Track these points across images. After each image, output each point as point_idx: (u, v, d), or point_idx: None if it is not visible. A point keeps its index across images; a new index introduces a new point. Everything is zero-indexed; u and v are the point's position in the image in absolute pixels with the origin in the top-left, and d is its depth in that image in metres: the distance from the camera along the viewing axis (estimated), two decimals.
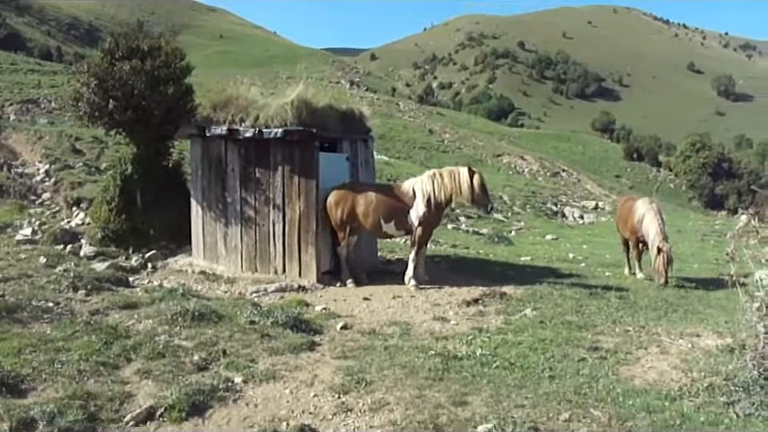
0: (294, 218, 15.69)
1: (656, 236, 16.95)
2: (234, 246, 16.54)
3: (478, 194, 15.25)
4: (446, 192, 15.35)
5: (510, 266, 19.54)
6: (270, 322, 11.34)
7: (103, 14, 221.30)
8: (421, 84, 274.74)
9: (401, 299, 14.17)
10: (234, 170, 16.37)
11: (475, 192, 15.21)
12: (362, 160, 17.81)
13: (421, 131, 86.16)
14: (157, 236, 18.29)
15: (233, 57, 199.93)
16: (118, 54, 18.03)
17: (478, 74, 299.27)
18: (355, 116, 17.63)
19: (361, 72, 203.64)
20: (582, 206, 53.96)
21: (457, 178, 15.32)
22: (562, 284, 15.95)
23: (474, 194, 15.22)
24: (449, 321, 12.43)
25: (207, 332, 10.76)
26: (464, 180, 15.22)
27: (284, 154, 15.70)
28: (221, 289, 15.04)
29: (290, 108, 15.54)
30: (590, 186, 77.00)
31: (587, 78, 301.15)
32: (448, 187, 15.33)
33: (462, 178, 15.25)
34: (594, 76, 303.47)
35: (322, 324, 11.90)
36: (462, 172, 15.36)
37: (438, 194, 15.34)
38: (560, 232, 35.95)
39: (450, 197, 15.48)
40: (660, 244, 16.76)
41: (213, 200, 16.79)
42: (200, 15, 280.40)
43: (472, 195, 15.23)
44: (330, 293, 14.89)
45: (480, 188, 15.27)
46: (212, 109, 16.79)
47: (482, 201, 15.38)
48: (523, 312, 12.94)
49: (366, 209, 15.60)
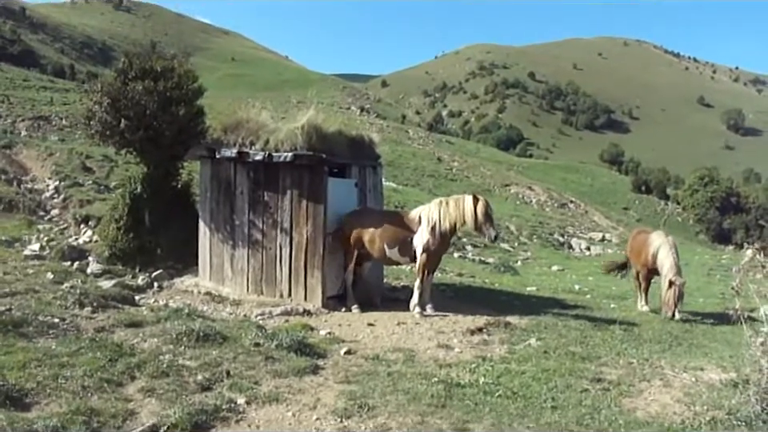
0: (302, 242, 15.72)
1: (670, 269, 16.89)
2: (241, 268, 16.58)
3: (482, 221, 15.08)
4: (451, 220, 15.28)
5: (516, 295, 19.55)
6: (275, 344, 11.35)
7: (117, 33, 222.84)
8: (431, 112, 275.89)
9: (405, 326, 14.16)
10: (242, 193, 16.44)
11: (479, 220, 15.06)
12: (371, 186, 17.85)
13: (430, 159, 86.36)
14: (164, 256, 18.36)
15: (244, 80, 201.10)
16: (131, 74, 18.19)
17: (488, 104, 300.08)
18: (364, 142, 17.70)
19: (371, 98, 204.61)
20: (589, 237, 54.03)
21: (461, 205, 15.25)
22: (567, 315, 15.93)
23: (478, 221, 15.08)
24: (453, 348, 12.42)
25: (212, 353, 10.78)
26: (468, 208, 15.14)
27: (293, 178, 15.76)
28: (226, 310, 15.07)
29: (300, 133, 15.62)
30: (598, 218, 76.91)
31: (596, 110, 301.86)
32: (453, 215, 15.26)
33: (467, 205, 15.17)
34: (603, 108, 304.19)
35: (326, 348, 11.91)
36: (466, 200, 15.29)
37: (443, 221, 15.29)
38: (566, 263, 35.95)
39: (455, 225, 15.39)
40: (673, 277, 16.72)
41: (221, 222, 16.87)
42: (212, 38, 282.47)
43: (476, 223, 15.10)
44: (334, 318, 14.90)
45: (484, 216, 15.11)
46: (222, 131, 16.90)
47: (487, 229, 15.17)
48: (527, 342, 12.92)
49: (372, 234, 15.65)
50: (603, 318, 15.83)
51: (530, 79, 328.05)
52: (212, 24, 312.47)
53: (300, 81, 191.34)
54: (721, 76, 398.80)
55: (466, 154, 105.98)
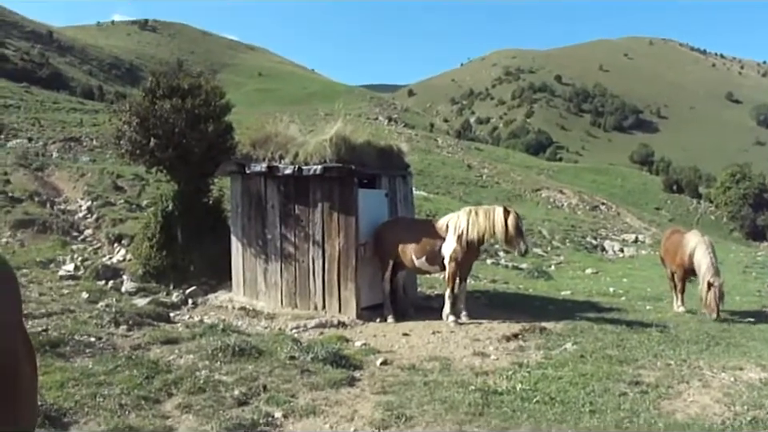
0: (334, 254, 15.78)
1: (707, 270, 16.69)
2: (274, 282, 16.65)
3: (513, 234, 14.98)
4: (480, 230, 15.19)
5: (550, 300, 19.48)
6: (310, 357, 11.36)
7: (143, 53, 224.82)
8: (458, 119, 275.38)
9: (440, 334, 14.18)
10: (273, 207, 16.53)
11: (509, 233, 14.96)
12: (401, 196, 17.89)
13: (459, 166, 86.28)
14: (197, 272, 18.46)
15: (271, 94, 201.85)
16: (159, 93, 18.34)
17: (516, 109, 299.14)
18: (393, 152, 17.74)
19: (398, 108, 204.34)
20: (621, 239, 53.65)
21: (491, 217, 15.14)
22: (603, 318, 15.88)
23: (508, 234, 14.98)
24: (489, 356, 12.39)
25: (247, 367, 10.81)
26: (498, 220, 15.03)
27: (323, 190, 15.84)
28: (261, 324, 15.15)
29: (328, 145, 15.69)
30: (630, 219, 76.40)
31: (625, 111, 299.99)
32: (482, 226, 15.17)
33: (497, 217, 15.06)
34: (631, 108, 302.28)
35: (361, 359, 11.91)
36: (496, 211, 15.17)
37: (471, 231, 15.22)
38: (600, 266, 35.73)
39: (484, 236, 15.30)
40: (711, 278, 16.53)
41: (253, 236, 16.95)
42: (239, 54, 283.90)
43: (506, 235, 14.99)
44: (369, 328, 14.93)
45: (515, 229, 15.00)
46: (251, 146, 16.98)
47: (516, 242, 15.07)
48: (563, 346, 12.87)
49: (403, 245, 15.69)
50: (639, 320, 15.79)
51: (557, 82, 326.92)
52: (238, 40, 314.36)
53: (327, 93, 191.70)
54: (749, 71, 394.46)
55: (496, 160, 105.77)
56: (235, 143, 18.42)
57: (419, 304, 17.57)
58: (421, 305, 17.53)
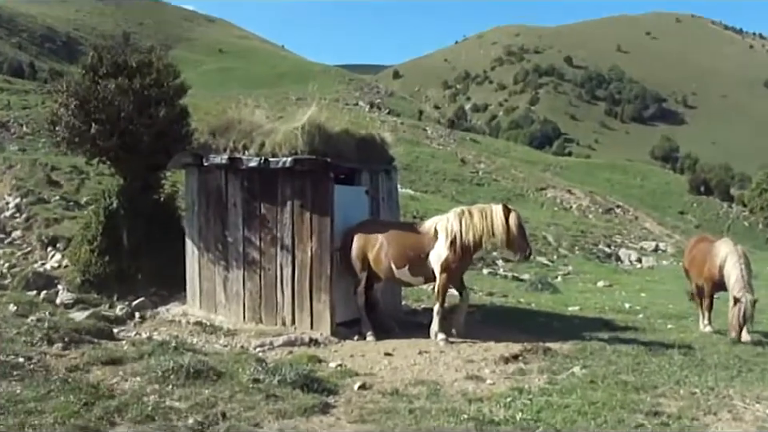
0: (305, 260, 15.78)
1: (735, 283, 16.35)
2: (236, 292, 16.66)
3: (515, 236, 14.89)
4: (476, 233, 15.02)
5: (556, 316, 19.55)
6: (277, 380, 11.36)
7: (83, 24, 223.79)
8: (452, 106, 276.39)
9: (428, 355, 14.22)
10: (235, 205, 16.52)
11: (512, 234, 14.85)
12: (384, 193, 17.94)
13: (452, 161, 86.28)
14: (146, 281, 18.41)
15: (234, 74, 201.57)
16: (102, 71, 18.26)
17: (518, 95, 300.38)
18: (376, 143, 17.76)
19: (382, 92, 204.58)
20: (639, 247, 53.87)
21: (489, 216, 14.99)
22: (617, 338, 15.93)
23: (511, 236, 14.86)
24: (484, 380, 12.43)
25: (204, 392, 10.79)
26: (498, 220, 14.89)
27: (294, 186, 15.83)
28: (220, 342, 15.15)
29: (300, 134, 15.67)
30: (650, 225, 76.59)
31: (645, 99, 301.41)
32: (478, 227, 15.00)
33: (496, 217, 14.93)
34: (653, 96, 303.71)
35: (337, 383, 11.93)
36: (495, 210, 15.05)
37: (466, 234, 15.04)
38: (614, 278, 35.86)
39: (481, 239, 15.15)
40: (738, 293, 16.18)
41: (211, 240, 16.94)
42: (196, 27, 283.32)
43: (508, 238, 14.88)
44: (346, 347, 14.95)
45: (517, 229, 14.91)
46: (210, 134, 16.96)
47: (520, 245, 15.03)
48: (571, 370, 12.91)
49: (378, 252, 15.64)
50: (659, 340, 15.80)
51: (567, 65, 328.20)
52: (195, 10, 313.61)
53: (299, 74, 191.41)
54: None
55: (494, 154, 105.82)
56: (191, 131, 18.37)
57: (404, 319, 17.60)
58: (406, 320, 17.57)
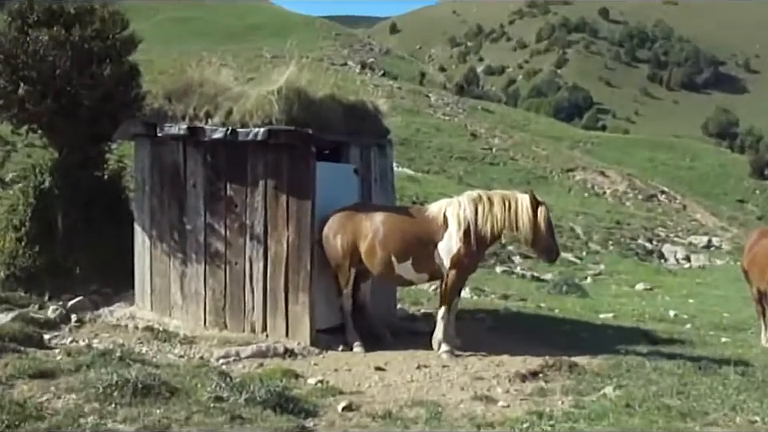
0: (281, 253, 15.71)
1: None
2: (195, 291, 16.60)
3: (543, 234, 14.85)
4: (496, 225, 14.91)
5: (584, 325, 19.58)
6: (244, 399, 11.29)
7: None
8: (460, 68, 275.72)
9: (428, 370, 14.20)
10: (195, 186, 16.44)
11: (539, 231, 14.79)
12: (377, 173, 17.92)
13: (460, 134, 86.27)
14: (85, 277, 18.32)
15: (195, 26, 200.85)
16: (33, 19, 18.10)
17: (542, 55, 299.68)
18: (368, 112, 17.70)
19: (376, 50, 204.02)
20: (688, 243, 54.00)
21: (513, 207, 14.85)
22: (658, 353, 15.93)
23: (538, 234, 14.80)
24: (496, 402, 12.40)
25: (154, 412, 10.74)
26: (524, 212, 14.76)
27: (267, 163, 15.76)
28: (175, 351, 15.08)
29: (275, 99, 15.56)
30: (701, 216, 76.74)
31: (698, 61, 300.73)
32: (499, 218, 14.87)
33: (522, 208, 14.79)
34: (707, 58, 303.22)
35: (317, 403, 11.89)
36: (521, 200, 14.90)
37: (483, 224, 14.93)
38: (656, 280, 35.95)
39: (500, 233, 15.19)
40: None
41: (166, 227, 16.87)
42: None
43: (534, 234, 14.78)
44: (329, 360, 14.94)
45: (546, 226, 14.86)
46: (166, 99, 16.86)
47: (547, 245, 15.06)
48: (602, 391, 12.89)
49: (372, 242, 15.46)
50: (711, 357, 15.78)
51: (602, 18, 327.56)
52: None
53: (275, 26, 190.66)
54: None
55: (512, 127, 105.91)
56: (142, 94, 18.32)
57: (399, 326, 17.62)
58: (402, 327, 17.59)
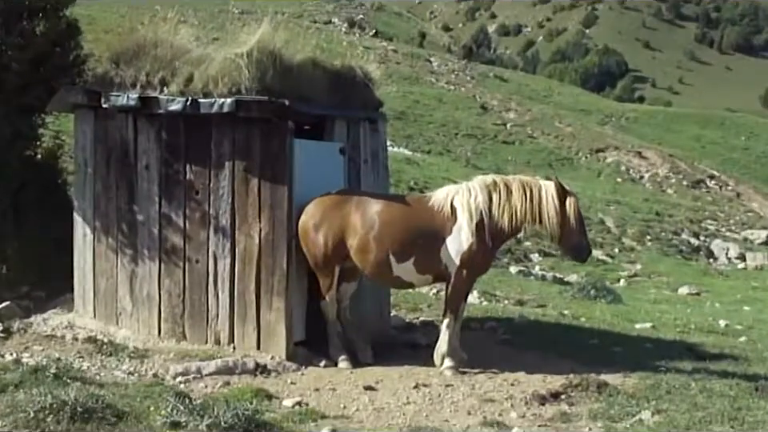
0: (251, 249, 15.66)
1: None
2: (147, 295, 16.52)
3: (574, 229, 14.82)
4: (515, 216, 14.81)
5: (616, 337, 19.61)
6: (206, 424, 11.26)
7: None
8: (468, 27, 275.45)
9: (428, 390, 14.20)
10: (148, 168, 16.38)
11: (569, 226, 14.75)
12: (367, 153, 17.86)
13: (468, 107, 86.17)
14: (14, 277, 18.35)
15: None
16: None
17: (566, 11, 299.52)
18: (356, 80, 17.65)
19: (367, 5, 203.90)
20: (743, 238, 54.00)
21: (536, 195, 14.75)
22: (706, 370, 15.91)
23: (567, 228, 14.77)
24: (509, 428, 12.39)
25: None
26: (550, 202, 14.66)
27: (235, 140, 15.70)
28: (123, 367, 15.02)
29: (245, 63, 15.45)
30: (758, 205, 76.66)
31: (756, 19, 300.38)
32: (519, 208, 14.75)
33: (547, 197, 14.70)
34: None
35: (294, 430, 11.91)
36: (546, 188, 14.81)
37: (499, 216, 14.83)
38: (704, 282, 36.02)
39: (520, 226, 15.12)
40: None
41: (112, 217, 16.80)
42: None
43: (562, 229, 14.78)
44: (308, 377, 14.95)
45: (577, 220, 14.82)
46: (113, 62, 16.75)
47: (577, 241, 15.03)
48: (637, 417, 12.89)
49: (365, 236, 15.24)
50: None
51: None
52: None
53: None
54: None
55: (530, 99, 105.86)
56: (84, 57, 18.31)
57: (393, 338, 17.66)
58: (396, 339, 17.63)
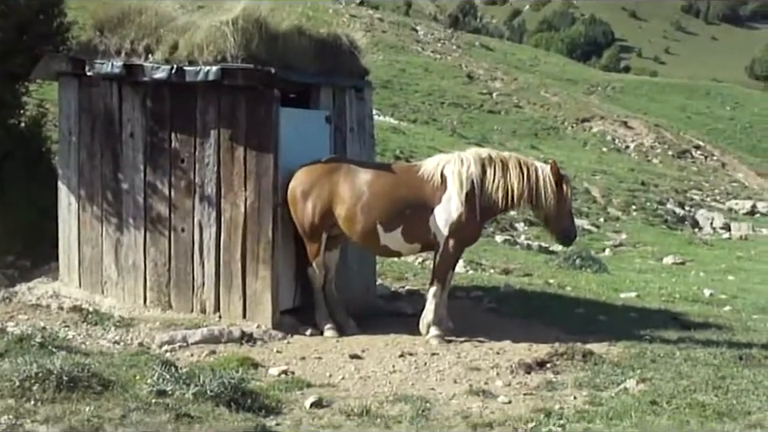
0: (237, 218, 15.65)
1: None
2: (133, 264, 16.54)
3: (566, 213, 15.26)
4: (511, 194, 14.99)
5: (601, 306, 19.62)
6: (192, 393, 11.22)
7: None
8: None
9: (414, 359, 14.25)
10: (133, 136, 16.35)
11: (563, 206, 15.12)
12: (353, 122, 17.81)
13: (454, 76, 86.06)
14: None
15: None
16: None
17: None
18: (342, 48, 17.58)
19: None
20: (728, 208, 54.06)
21: (534, 177, 14.96)
22: (691, 340, 15.96)
23: (563, 208, 15.13)
24: (495, 396, 12.43)
25: (83, 410, 10.67)
26: (547, 183, 14.91)
27: (220, 109, 15.67)
28: (108, 337, 15.01)
29: (230, 31, 15.38)
30: (743, 175, 76.70)
31: None
32: (516, 186, 14.93)
33: (544, 178, 14.93)
34: None
35: (280, 398, 11.90)
36: (543, 170, 15.04)
37: (494, 190, 14.97)
38: (689, 252, 36.06)
39: (513, 204, 15.29)
40: None
41: (97, 186, 16.79)
42: None
43: (558, 209, 15.08)
44: (294, 346, 14.96)
45: (569, 204, 15.33)
46: (97, 30, 16.67)
47: (567, 225, 15.42)
48: (622, 385, 12.89)
49: (353, 205, 15.30)
50: (754, 344, 15.79)
51: None
52: None
53: None
54: None
55: (516, 68, 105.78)
56: (68, 24, 18.23)
57: (380, 306, 17.67)
58: (382, 308, 17.64)
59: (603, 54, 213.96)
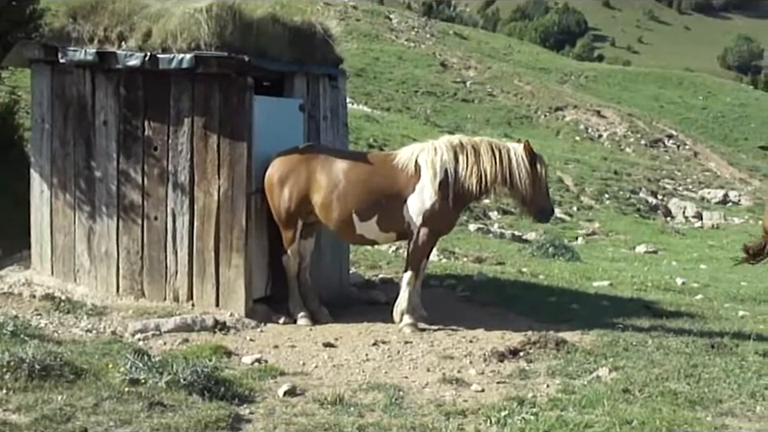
0: (210, 206, 15.62)
1: None
2: (106, 252, 16.48)
3: (542, 191, 15.25)
4: (485, 178, 15.00)
5: (574, 295, 19.65)
6: (165, 381, 11.22)
7: None
8: None
9: (387, 347, 14.25)
10: (106, 124, 16.29)
11: (538, 187, 15.12)
12: (326, 110, 17.79)
13: (427, 65, 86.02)
14: None
15: None
16: None
17: None
18: (315, 36, 17.53)
19: None
20: (700, 197, 54.17)
21: (507, 158, 14.97)
22: (663, 328, 16.00)
23: (537, 189, 15.13)
24: (468, 385, 12.43)
25: (55, 398, 10.65)
26: (520, 164, 14.92)
27: (194, 97, 15.63)
28: (81, 325, 14.96)
29: (205, 19, 15.36)
30: (715, 165, 76.85)
31: None
32: (489, 171, 14.94)
33: (517, 159, 14.95)
34: None
35: (253, 387, 11.87)
36: (515, 151, 15.07)
37: (467, 177, 14.98)
38: (661, 241, 36.10)
39: (488, 188, 15.27)
40: None
41: (70, 173, 16.71)
42: None
43: (533, 190, 15.07)
44: (267, 335, 14.96)
45: (544, 182, 15.31)
46: (70, 17, 16.58)
47: (544, 203, 15.40)
48: (595, 373, 12.92)
49: (329, 192, 15.34)
50: (726, 333, 15.80)
51: None
52: None
53: None
54: None
55: (490, 57, 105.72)
56: (40, 11, 18.17)
57: (353, 295, 17.66)
58: (354, 296, 17.63)
59: (576, 43, 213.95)
